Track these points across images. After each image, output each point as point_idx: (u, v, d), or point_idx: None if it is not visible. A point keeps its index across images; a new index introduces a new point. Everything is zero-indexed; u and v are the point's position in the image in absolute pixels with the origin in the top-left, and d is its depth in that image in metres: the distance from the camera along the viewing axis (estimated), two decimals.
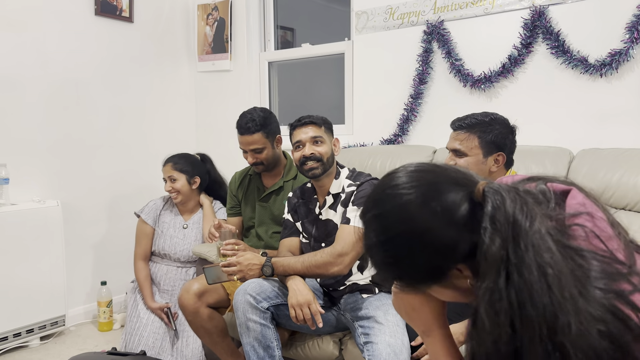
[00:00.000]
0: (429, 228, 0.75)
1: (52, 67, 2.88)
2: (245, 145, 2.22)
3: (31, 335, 2.68)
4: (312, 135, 1.89)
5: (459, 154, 1.72)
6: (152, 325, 2.43)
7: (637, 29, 2.08)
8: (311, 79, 3.46)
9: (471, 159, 1.69)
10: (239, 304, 1.78)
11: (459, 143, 1.72)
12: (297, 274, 1.76)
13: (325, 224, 1.93)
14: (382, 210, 0.80)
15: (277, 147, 2.29)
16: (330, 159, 1.91)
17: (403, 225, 0.78)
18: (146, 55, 3.35)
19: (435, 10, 2.61)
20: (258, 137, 2.19)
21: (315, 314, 1.69)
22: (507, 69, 2.41)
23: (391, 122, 2.80)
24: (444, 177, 0.79)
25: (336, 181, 1.94)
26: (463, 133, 1.72)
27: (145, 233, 2.58)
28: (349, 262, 1.76)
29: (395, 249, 0.79)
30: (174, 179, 2.49)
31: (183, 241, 2.54)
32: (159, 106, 3.46)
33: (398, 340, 1.61)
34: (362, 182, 1.87)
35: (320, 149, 1.88)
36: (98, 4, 3.03)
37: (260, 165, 2.25)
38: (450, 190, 0.77)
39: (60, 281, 2.79)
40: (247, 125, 2.18)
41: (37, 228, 2.68)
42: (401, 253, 0.79)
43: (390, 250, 0.79)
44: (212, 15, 3.46)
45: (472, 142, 1.69)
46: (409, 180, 0.80)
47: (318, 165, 1.87)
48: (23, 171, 2.78)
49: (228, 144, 3.43)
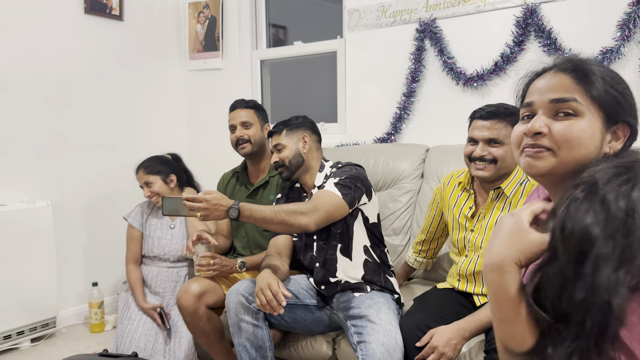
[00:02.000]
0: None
1: (42, 66, 2.85)
2: (236, 119, 2.30)
3: (22, 337, 2.65)
4: (275, 143, 2.01)
5: (495, 143, 1.65)
6: (143, 327, 2.41)
7: (629, 27, 2.09)
8: (303, 77, 3.45)
9: (507, 147, 1.63)
10: (231, 304, 1.77)
11: (494, 132, 1.65)
12: (264, 219, 1.69)
13: None
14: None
15: (264, 133, 2.34)
16: (294, 159, 1.97)
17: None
18: (137, 54, 3.32)
19: (427, 8, 2.60)
20: (250, 112, 2.31)
21: (276, 294, 1.62)
22: (499, 66, 2.41)
23: (384, 120, 2.79)
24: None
25: (320, 174, 2.00)
26: (498, 122, 1.65)
27: (133, 237, 2.57)
28: (318, 219, 1.73)
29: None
30: (149, 183, 2.48)
31: (171, 241, 2.52)
32: (150, 105, 3.43)
33: (392, 339, 1.60)
34: (344, 164, 1.94)
35: (282, 155, 1.98)
36: (88, 2, 3.00)
37: (247, 142, 2.28)
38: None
39: (51, 282, 2.76)
40: (240, 100, 2.35)
41: (27, 229, 2.66)
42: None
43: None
44: (203, 13, 3.44)
45: (507, 130, 1.63)
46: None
47: (283, 170, 1.99)
48: (13, 171, 2.75)
49: (219, 143, 3.41)
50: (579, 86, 0.89)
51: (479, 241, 1.74)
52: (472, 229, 1.77)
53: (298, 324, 1.89)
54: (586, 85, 0.88)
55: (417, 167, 2.44)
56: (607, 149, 0.89)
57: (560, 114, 0.89)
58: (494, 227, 1.62)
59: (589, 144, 0.87)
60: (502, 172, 1.66)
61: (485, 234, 1.72)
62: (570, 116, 0.88)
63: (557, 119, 0.89)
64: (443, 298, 1.80)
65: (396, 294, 1.90)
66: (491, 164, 1.65)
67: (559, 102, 0.89)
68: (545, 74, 0.94)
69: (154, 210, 2.60)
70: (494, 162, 1.64)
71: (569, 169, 0.88)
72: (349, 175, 1.85)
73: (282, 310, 1.63)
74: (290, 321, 1.87)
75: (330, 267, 1.90)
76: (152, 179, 2.47)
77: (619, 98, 0.89)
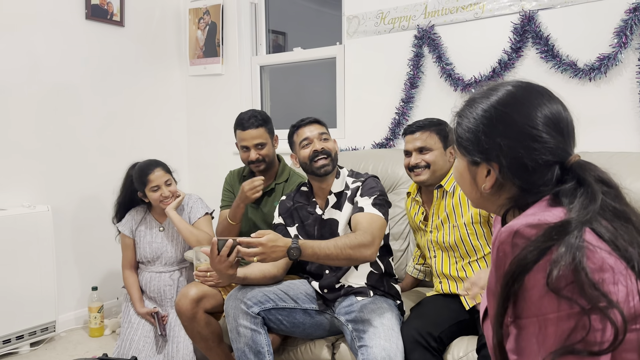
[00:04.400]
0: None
1: (43, 72, 2.86)
2: (249, 141, 2.21)
3: (21, 342, 2.66)
4: (319, 131, 1.93)
5: (425, 150, 1.91)
6: (142, 329, 2.42)
7: (625, 34, 2.10)
8: (303, 83, 3.46)
9: (437, 152, 1.91)
10: (229, 309, 1.78)
11: (421, 141, 1.92)
12: (329, 256, 1.62)
13: (330, 223, 1.93)
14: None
15: (275, 147, 2.32)
16: (336, 155, 1.95)
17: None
18: (137, 60, 3.34)
19: (425, 15, 2.62)
20: (262, 132, 2.22)
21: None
22: (497, 73, 2.43)
23: (383, 126, 2.81)
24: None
25: (337, 180, 1.96)
26: (424, 132, 1.93)
27: (126, 244, 2.58)
28: (377, 247, 1.72)
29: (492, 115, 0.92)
30: (169, 183, 2.45)
31: (161, 244, 2.52)
32: (150, 110, 3.44)
33: (393, 344, 1.61)
34: (366, 178, 1.91)
35: (328, 145, 1.92)
36: (89, 8, 3.02)
37: (262, 162, 2.25)
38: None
39: (50, 287, 2.77)
40: (250, 120, 2.21)
41: (27, 233, 2.66)
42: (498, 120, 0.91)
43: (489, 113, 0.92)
44: (203, 19, 3.46)
45: (433, 138, 1.91)
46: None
47: (329, 162, 1.89)
48: (13, 176, 2.76)
49: (219, 149, 3.43)
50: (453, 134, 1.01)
51: (440, 237, 1.92)
52: (430, 230, 1.95)
53: (297, 328, 1.89)
54: (455, 135, 0.99)
55: None
56: (482, 185, 0.94)
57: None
58: (447, 220, 1.87)
59: (463, 181, 1.00)
60: (437, 173, 1.91)
61: (443, 229, 1.90)
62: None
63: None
64: (437, 304, 1.86)
65: (399, 300, 1.91)
66: (426, 168, 1.91)
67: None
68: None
69: (144, 217, 2.59)
70: (427, 167, 1.90)
71: (474, 203, 1.00)
72: (379, 191, 1.86)
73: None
74: (289, 325, 1.87)
75: (337, 273, 1.91)
76: (170, 179, 2.45)
77: (470, 141, 0.94)
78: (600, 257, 0.74)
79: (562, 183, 0.86)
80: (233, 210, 2.24)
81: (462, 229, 1.85)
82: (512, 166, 0.88)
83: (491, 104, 0.91)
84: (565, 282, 0.72)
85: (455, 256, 1.88)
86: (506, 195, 0.92)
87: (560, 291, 0.72)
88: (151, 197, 2.43)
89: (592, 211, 0.78)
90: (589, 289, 0.71)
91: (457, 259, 1.88)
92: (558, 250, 0.73)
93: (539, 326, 0.75)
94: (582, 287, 0.71)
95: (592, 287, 0.71)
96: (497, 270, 0.82)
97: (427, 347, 1.63)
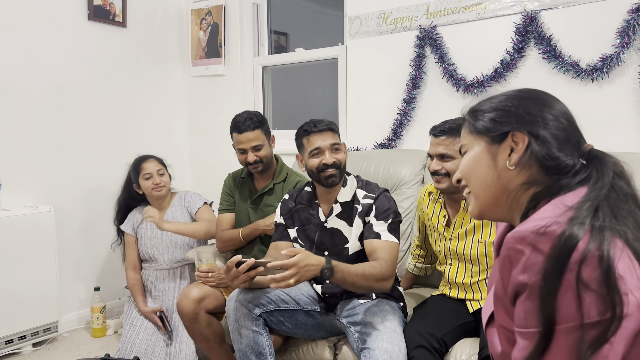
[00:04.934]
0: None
1: (45, 72, 2.87)
2: (246, 143, 2.20)
3: (23, 342, 2.66)
4: (331, 142, 1.84)
5: (446, 158, 1.78)
6: (144, 332, 2.43)
7: (628, 34, 2.10)
8: (305, 83, 3.46)
9: (458, 161, 1.69)
10: (231, 310, 1.77)
11: (444, 147, 1.78)
12: (354, 283, 1.63)
13: (332, 232, 1.89)
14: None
15: (272, 147, 2.31)
16: (345, 165, 1.90)
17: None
18: (140, 60, 3.35)
19: (428, 16, 2.62)
20: (259, 134, 2.21)
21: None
22: (499, 73, 2.43)
23: (385, 126, 2.81)
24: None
25: (344, 189, 1.90)
26: (447, 138, 1.78)
27: (129, 243, 2.63)
28: (394, 276, 1.77)
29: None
30: (162, 173, 2.54)
31: (162, 239, 2.54)
32: (153, 111, 3.45)
33: (395, 346, 1.60)
34: (378, 195, 1.86)
35: (339, 157, 1.85)
36: (91, 9, 3.03)
37: (259, 163, 2.24)
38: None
39: (53, 287, 2.77)
40: (247, 123, 2.19)
41: (29, 234, 2.67)
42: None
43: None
44: (205, 20, 3.46)
45: (456, 145, 1.74)
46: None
47: (337, 173, 1.83)
48: (15, 177, 2.77)
49: (221, 149, 3.43)
50: (467, 129, 1.00)
51: (460, 247, 1.80)
52: (451, 238, 1.84)
53: (299, 329, 1.89)
54: (471, 126, 0.98)
55: (417, 172, 2.45)
56: (504, 163, 0.92)
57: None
58: (472, 232, 1.75)
59: (478, 169, 0.96)
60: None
61: (466, 240, 1.79)
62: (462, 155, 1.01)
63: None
64: (440, 306, 1.83)
65: (402, 302, 1.91)
66: (445, 176, 1.78)
67: (460, 153, 1.04)
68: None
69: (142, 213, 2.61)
70: (447, 175, 1.78)
71: (487, 200, 0.97)
72: (394, 212, 1.83)
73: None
74: (291, 326, 1.87)
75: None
76: (163, 170, 2.55)
77: (494, 116, 0.94)
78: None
79: (577, 172, 0.88)
80: (249, 232, 2.26)
81: (488, 247, 1.74)
82: (544, 138, 0.89)
83: (513, 91, 0.96)
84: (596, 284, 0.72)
85: (473, 270, 1.79)
86: (523, 179, 0.91)
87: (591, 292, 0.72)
88: (144, 185, 2.52)
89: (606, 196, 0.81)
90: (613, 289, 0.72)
91: (474, 274, 1.79)
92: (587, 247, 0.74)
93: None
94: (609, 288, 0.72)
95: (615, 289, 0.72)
96: (504, 276, 0.81)
97: (429, 348, 1.62)
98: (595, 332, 0.71)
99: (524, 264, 0.77)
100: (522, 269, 0.77)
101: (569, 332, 0.73)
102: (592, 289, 0.72)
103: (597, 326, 0.71)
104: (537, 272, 0.75)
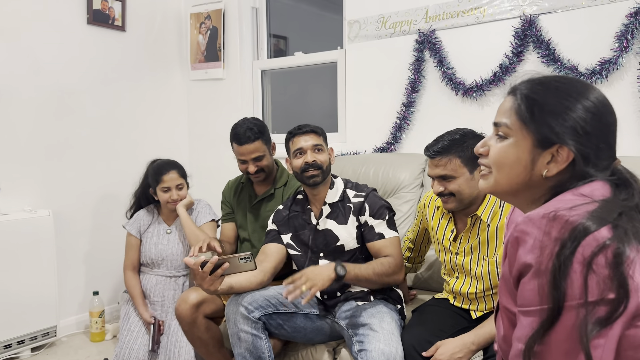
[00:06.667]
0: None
1: (44, 76, 2.87)
2: (247, 155, 2.18)
3: (22, 347, 2.65)
4: (313, 143, 1.92)
5: (447, 179, 1.68)
6: (142, 338, 2.41)
7: (627, 38, 2.10)
8: (304, 87, 3.46)
9: (461, 179, 1.67)
10: (230, 314, 1.77)
11: (442, 169, 1.68)
12: (368, 279, 1.77)
13: (324, 234, 1.93)
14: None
15: (273, 154, 2.30)
16: (328, 167, 1.95)
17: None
18: (139, 64, 3.35)
19: (427, 20, 2.62)
20: (259, 145, 2.18)
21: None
22: (498, 77, 2.43)
23: (384, 130, 2.81)
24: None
25: (331, 191, 1.96)
26: (443, 158, 1.67)
27: (131, 244, 2.57)
28: (403, 268, 1.89)
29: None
30: (181, 187, 2.45)
31: (167, 246, 2.52)
32: (152, 115, 3.45)
33: (392, 348, 1.60)
34: (367, 193, 1.93)
35: (320, 157, 1.92)
36: (90, 13, 3.03)
37: (261, 173, 2.23)
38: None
39: (51, 291, 2.77)
40: (247, 134, 2.15)
41: (28, 238, 2.66)
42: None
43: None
44: (204, 24, 3.47)
45: (454, 163, 1.66)
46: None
47: (319, 173, 1.91)
48: (14, 181, 2.76)
49: (220, 153, 3.43)
50: (515, 111, 0.92)
51: (466, 263, 1.77)
52: (457, 252, 1.80)
53: (298, 333, 1.89)
54: (517, 108, 0.92)
55: (416, 176, 2.46)
56: (543, 170, 0.90)
57: (498, 136, 0.95)
58: (477, 248, 1.71)
59: (514, 165, 0.91)
60: (465, 201, 1.69)
61: (472, 255, 1.75)
62: (502, 138, 0.93)
63: (497, 141, 0.95)
64: (441, 310, 1.82)
65: (399, 304, 1.91)
66: (450, 196, 1.69)
67: (496, 126, 0.96)
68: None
69: (150, 216, 2.59)
70: (452, 195, 1.69)
71: (507, 189, 0.94)
72: (386, 208, 1.91)
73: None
74: (290, 330, 1.87)
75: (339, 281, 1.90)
76: (182, 183, 2.46)
77: (551, 122, 0.89)
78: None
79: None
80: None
81: (492, 265, 1.69)
82: (587, 158, 0.88)
83: (589, 100, 0.90)
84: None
85: (478, 287, 1.74)
86: (551, 184, 0.91)
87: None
88: (161, 197, 2.45)
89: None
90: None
91: (480, 291, 1.74)
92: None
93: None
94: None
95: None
96: (511, 257, 0.83)
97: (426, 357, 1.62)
98: (601, 311, 0.74)
99: (531, 245, 0.79)
100: (529, 250, 0.79)
101: (575, 309, 0.75)
102: (599, 273, 0.74)
103: (601, 305, 0.74)
104: (546, 254, 0.77)
